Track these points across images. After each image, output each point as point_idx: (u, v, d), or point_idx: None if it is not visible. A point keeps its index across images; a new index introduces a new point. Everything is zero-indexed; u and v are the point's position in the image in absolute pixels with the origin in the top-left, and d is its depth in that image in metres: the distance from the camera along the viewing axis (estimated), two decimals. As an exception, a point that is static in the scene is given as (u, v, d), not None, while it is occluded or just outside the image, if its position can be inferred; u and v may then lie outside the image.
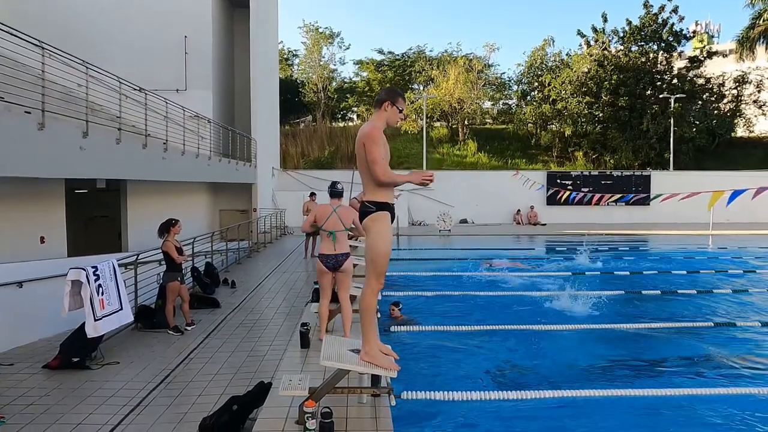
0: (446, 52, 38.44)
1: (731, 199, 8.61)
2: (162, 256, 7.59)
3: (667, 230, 22.50)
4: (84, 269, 5.93)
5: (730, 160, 30.16)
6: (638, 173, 27.00)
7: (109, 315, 6.05)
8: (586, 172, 27.19)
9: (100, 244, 13.59)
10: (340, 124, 39.45)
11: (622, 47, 32.47)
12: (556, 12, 65.02)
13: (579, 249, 15.43)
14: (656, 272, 13.21)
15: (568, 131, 32.19)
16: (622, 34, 32.49)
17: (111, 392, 5.32)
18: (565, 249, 17.33)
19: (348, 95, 40.35)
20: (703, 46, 33.87)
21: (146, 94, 10.53)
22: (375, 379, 4.22)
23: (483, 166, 31.05)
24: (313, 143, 32.50)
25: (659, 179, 26.19)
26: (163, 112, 11.70)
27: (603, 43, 32.56)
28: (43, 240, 10.42)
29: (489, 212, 25.56)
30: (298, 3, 58.92)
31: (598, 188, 25.41)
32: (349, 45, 51.39)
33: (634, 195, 20.44)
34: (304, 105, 38.93)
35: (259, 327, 7.61)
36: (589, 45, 33.28)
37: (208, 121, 15.07)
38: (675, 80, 31.88)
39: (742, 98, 33.01)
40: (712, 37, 48.97)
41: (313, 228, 5.85)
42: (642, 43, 32.25)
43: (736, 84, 32.77)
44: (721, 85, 32.72)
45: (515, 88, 38.13)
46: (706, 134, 31.10)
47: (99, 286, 5.98)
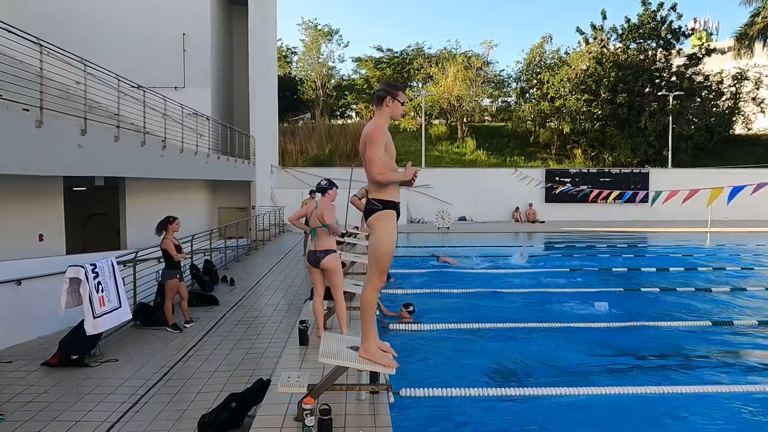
0: (445, 49, 38.39)
1: (731, 196, 8.59)
2: (161, 253, 7.60)
3: (666, 228, 22.54)
4: (83, 266, 5.94)
5: (729, 157, 30.17)
6: (637, 170, 27.01)
7: (109, 313, 6.06)
8: (585, 170, 27.21)
9: (99, 242, 13.60)
10: (339, 122, 39.41)
11: (620, 45, 32.48)
12: (554, 10, 65.15)
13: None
14: (654, 269, 13.24)
15: (567, 129, 32.22)
16: (620, 32, 32.56)
17: (110, 389, 5.33)
18: (564, 246, 17.36)
19: (347, 92, 40.29)
20: (702, 44, 33.79)
21: (144, 91, 10.51)
22: (374, 376, 4.23)
23: (482, 164, 31.05)
24: (312, 141, 32.43)
25: (658, 177, 26.22)
26: (161, 110, 11.68)
27: (602, 40, 32.57)
28: (41, 238, 10.43)
29: (487, 210, 25.57)
30: (297, 0, 58.94)
31: (596, 186, 25.37)
32: (348, 42, 51.36)
33: (632, 193, 20.38)
34: (302, 102, 38.86)
35: (257, 324, 7.63)
36: (587, 42, 33.28)
37: (207, 119, 15.06)
38: (674, 78, 31.94)
39: (740, 96, 33.00)
40: (711, 34, 49.11)
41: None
42: (640, 41, 32.28)
43: (735, 81, 32.77)
44: (720, 82, 32.71)
45: (514, 85, 38.14)
46: (705, 132, 31.12)
47: (98, 283, 5.99)
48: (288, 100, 36.66)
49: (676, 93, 29.79)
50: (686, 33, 33.14)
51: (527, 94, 36.23)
